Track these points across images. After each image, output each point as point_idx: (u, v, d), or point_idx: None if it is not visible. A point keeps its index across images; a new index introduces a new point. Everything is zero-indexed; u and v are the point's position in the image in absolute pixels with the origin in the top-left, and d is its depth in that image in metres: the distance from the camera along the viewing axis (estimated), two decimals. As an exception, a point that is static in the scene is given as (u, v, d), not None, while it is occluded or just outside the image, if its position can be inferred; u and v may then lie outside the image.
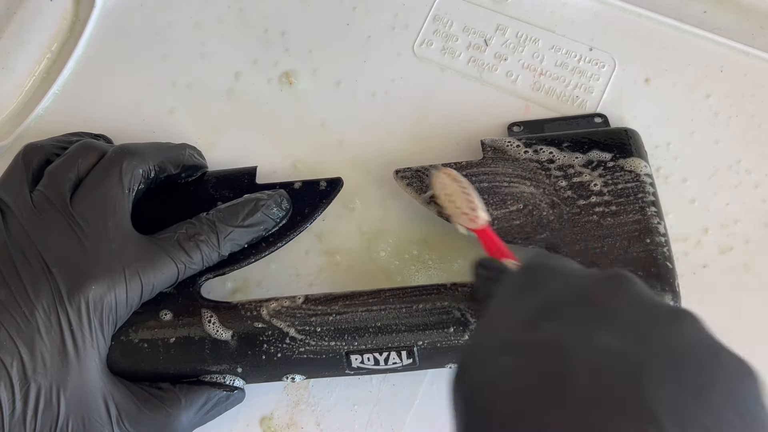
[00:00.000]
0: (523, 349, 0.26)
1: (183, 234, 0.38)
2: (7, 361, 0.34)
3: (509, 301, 0.29)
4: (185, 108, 0.47)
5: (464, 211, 0.38)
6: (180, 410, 0.37)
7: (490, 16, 0.48)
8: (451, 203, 0.39)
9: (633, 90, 0.46)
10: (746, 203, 0.43)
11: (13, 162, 0.40)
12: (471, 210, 0.38)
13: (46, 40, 0.49)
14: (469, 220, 0.38)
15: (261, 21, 0.49)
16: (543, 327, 0.26)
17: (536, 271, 0.30)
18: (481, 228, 0.38)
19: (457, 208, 0.39)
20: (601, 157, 0.41)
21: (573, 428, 0.23)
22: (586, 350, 0.24)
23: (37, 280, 0.35)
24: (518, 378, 0.25)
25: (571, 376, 0.24)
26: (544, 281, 0.29)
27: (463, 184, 0.39)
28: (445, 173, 0.40)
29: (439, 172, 0.40)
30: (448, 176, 0.40)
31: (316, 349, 0.37)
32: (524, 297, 0.28)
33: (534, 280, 0.29)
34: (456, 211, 0.39)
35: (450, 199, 0.39)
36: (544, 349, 0.25)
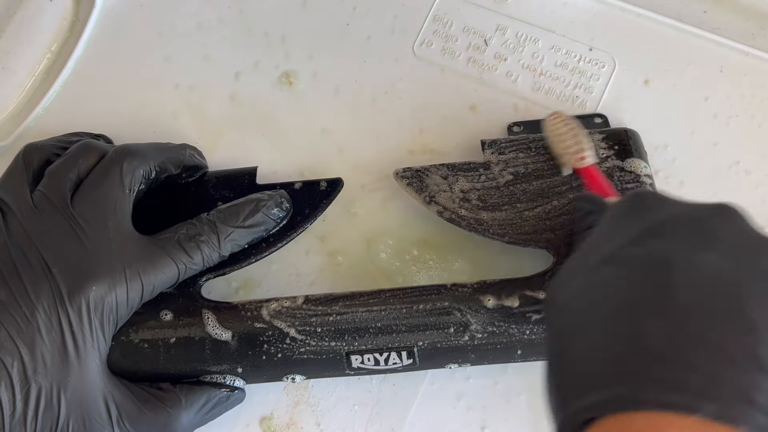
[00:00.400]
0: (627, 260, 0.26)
1: (184, 234, 0.38)
2: (7, 361, 0.34)
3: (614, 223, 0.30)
4: (185, 108, 0.47)
5: (571, 151, 0.40)
6: (180, 410, 0.37)
7: (490, 17, 0.48)
8: (560, 143, 0.40)
9: (633, 90, 0.46)
10: (746, 203, 0.43)
11: (14, 162, 0.40)
12: (579, 150, 0.40)
13: (46, 40, 0.49)
14: (576, 159, 0.40)
15: (261, 21, 0.49)
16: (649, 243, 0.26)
17: (644, 197, 0.31)
18: (586, 167, 0.40)
19: (566, 148, 0.40)
20: (600, 158, 0.41)
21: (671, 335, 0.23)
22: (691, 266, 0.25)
23: (38, 280, 0.35)
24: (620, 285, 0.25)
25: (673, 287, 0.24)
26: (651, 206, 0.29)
27: (572, 126, 0.41)
28: (556, 115, 0.42)
29: (553, 114, 0.42)
30: (559, 118, 0.41)
31: (316, 350, 0.37)
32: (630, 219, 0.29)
33: (641, 205, 0.30)
34: (564, 151, 0.40)
35: (560, 139, 0.41)
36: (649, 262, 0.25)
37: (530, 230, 0.40)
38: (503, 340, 0.37)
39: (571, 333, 0.26)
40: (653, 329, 0.23)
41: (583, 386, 0.24)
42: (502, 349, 0.37)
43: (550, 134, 0.41)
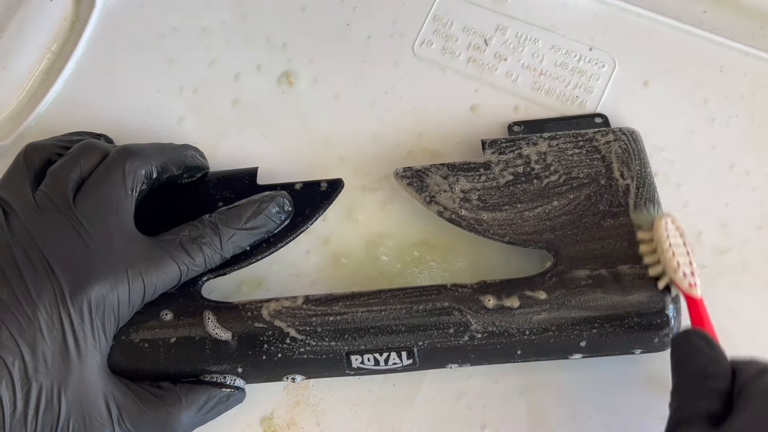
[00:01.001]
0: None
1: (186, 236, 0.38)
2: (8, 360, 0.34)
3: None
4: (186, 108, 0.47)
5: (684, 271, 0.36)
6: (180, 409, 0.37)
7: (490, 16, 0.48)
8: (671, 256, 0.36)
9: (633, 90, 0.46)
10: (745, 204, 0.43)
11: (14, 162, 0.40)
12: (691, 274, 0.36)
13: (46, 40, 0.49)
14: (689, 283, 0.36)
15: (261, 21, 0.49)
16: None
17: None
18: (696, 296, 0.36)
19: (678, 263, 0.36)
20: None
21: None
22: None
23: (40, 279, 0.35)
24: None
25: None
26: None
27: (687, 241, 0.37)
28: (673, 220, 0.38)
29: (667, 216, 0.38)
30: (675, 225, 0.37)
31: (316, 350, 0.37)
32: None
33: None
34: (675, 267, 0.36)
35: (673, 251, 0.36)
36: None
37: (530, 230, 0.40)
38: (503, 340, 0.37)
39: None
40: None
41: None
42: (502, 349, 0.37)
43: (662, 242, 0.37)
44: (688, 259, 0.36)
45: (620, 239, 0.39)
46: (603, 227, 0.39)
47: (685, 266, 0.36)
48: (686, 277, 0.36)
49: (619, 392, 0.39)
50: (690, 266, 0.36)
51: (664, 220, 0.37)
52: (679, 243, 0.37)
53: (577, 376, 0.40)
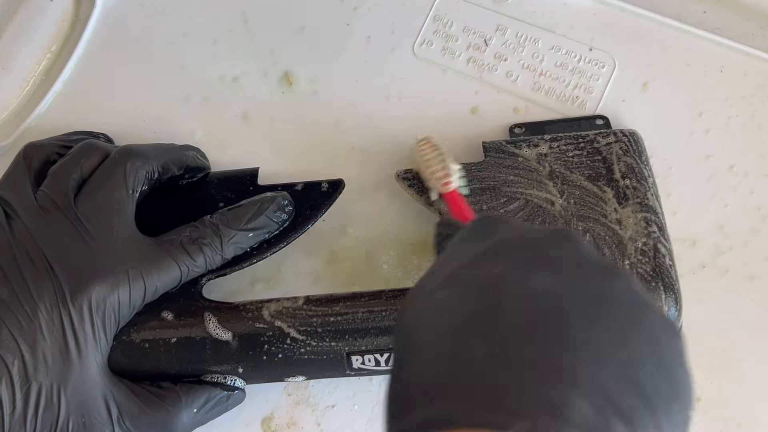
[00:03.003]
0: (461, 281, 0.27)
1: (186, 237, 0.38)
2: (8, 359, 0.34)
3: (458, 246, 0.30)
4: (186, 108, 0.47)
5: (438, 175, 0.40)
6: (181, 409, 0.37)
7: (490, 16, 0.48)
8: (426, 168, 0.41)
9: (633, 90, 0.46)
10: (745, 204, 0.43)
11: (14, 162, 0.40)
12: (444, 175, 0.40)
13: (46, 40, 0.49)
14: (441, 185, 0.40)
15: (261, 20, 0.49)
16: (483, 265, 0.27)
17: (487, 222, 0.31)
18: (449, 192, 0.40)
19: (432, 173, 0.40)
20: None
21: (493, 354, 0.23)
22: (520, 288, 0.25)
23: (40, 279, 0.35)
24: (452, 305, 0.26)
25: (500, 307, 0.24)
26: (494, 230, 0.30)
27: (441, 151, 0.41)
28: (426, 140, 0.42)
29: (422, 138, 0.42)
30: (428, 143, 0.41)
31: (317, 350, 0.37)
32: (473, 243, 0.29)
33: (484, 229, 0.30)
34: (430, 176, 0.40)
35: (427, 164, 0.41)
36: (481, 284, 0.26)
37: None
38: None
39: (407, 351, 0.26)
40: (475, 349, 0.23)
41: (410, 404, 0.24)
42: None
43: (417, 159, 0.42)
44: (441, 165, 0.40)
45: (621, 240, 0.38)
46: (603, 228, 0.39)
47: (438, 171, 0.40)
48: (440, 180, 0.40)
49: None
50: (443, 169, 0.40)
51: (418, 144, 0.42)
52: (431, 157, 0.41)
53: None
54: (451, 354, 0.24)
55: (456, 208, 0.39)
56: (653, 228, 0.39)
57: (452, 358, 0.24)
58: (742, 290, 0.41)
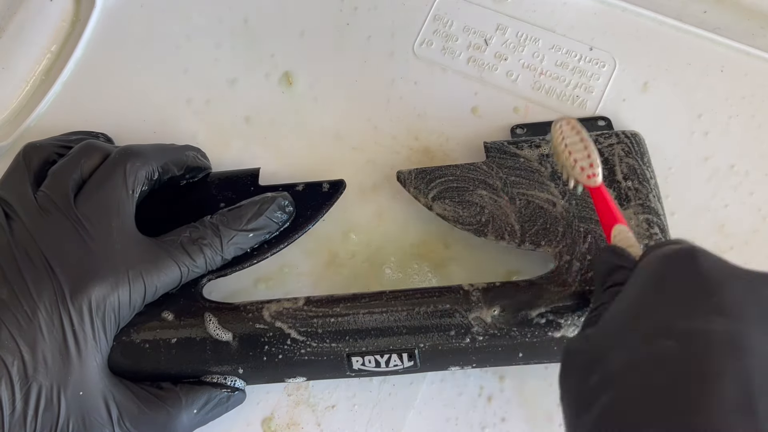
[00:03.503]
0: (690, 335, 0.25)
1: (187, 237, 0.38)
2: (8, 360, 0.34)
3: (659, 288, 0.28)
4: (186, 108, 0.47)
5: (582, 165, 0.36)
6: (181, 410, 0.37)
7: (490, 16, 0.48)
8: (569, 155, 0.37)
9: (633, 90, 0.46)
10: (745, 204, 0.43)
11: (14, 162, 0.40)
12: (590, 166, 0.36)
13: (46, 40, 0.49)
14: (587, 176, 0.36)
15: (261, 20, 0.49)
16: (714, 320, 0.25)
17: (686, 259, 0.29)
18: (596, 186, 0.36)
19: (575, 160, 0.37)
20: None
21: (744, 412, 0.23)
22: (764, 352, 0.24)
23: (40, 279, 0.35)
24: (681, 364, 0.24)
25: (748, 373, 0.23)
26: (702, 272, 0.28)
27: (584, 136, 0.37)
28: (567, 122, 0.38)
29: (561, 120, 0.38)
30: (570, 125, 0.38)
31: (317, 351, 0.37)
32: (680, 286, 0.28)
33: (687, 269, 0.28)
34: (573, 164, 0.37)
35: (570, 149, 0.37)
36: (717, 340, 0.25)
37: (533, 233, 0.39)
38: (505, 343, 0.37)
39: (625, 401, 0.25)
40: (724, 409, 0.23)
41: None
42: (503, 352, 0.37)
43: (557, 142, 0.38)
44: (585, 153, 0.37)
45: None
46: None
47: (582, 161, 0.36)
48: (584, 170, 0.36)
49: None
50: (588, 159, 0.36)
51: (557, 126, 0.38)
52: (575, 141, 0.37)
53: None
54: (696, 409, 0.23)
55: (603, 207, 0.36)
56: (655, 230, 0.39)
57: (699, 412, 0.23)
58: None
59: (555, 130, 0.38)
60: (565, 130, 0.37)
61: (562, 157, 0.37)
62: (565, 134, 0.37)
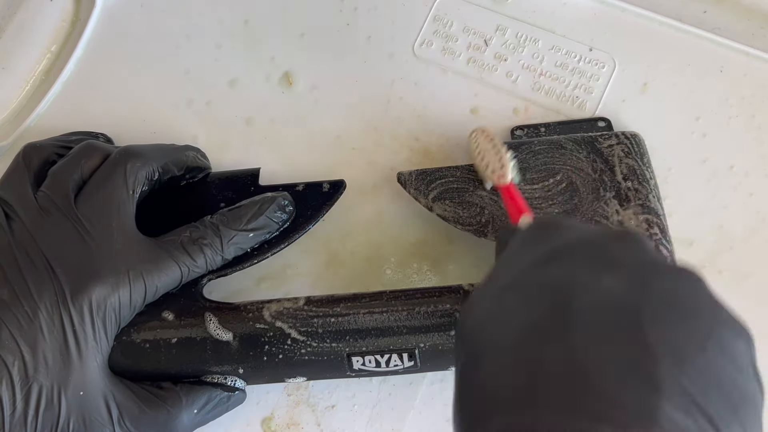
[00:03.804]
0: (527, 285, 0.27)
1: (187, 237, 0.38)
2: (8, 360, 0.34)
3: (520, 249, 0.30)
4: (186, 108, 0.47)
5: (493, 168, 0.40)
6: (181, 409, 0.37)
7: (490, 17, 0.48)
8: (481, 160, 0.41)
9: (633, 90, 0.46)
10: (745, 204, 0.43)
11: (14, 162, 0.40)
12: (500, 167, 0.40)
13: (46, 40, 0.49)
14: (497, 177, 0.40)
15: (261, 20, 0.49)
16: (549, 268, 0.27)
17: (548, 224, 0.31)
18: (504, 185, 0.39)
19: (487, 164, 0.40)
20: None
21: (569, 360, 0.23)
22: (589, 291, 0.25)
23: (41, 280, 0.35)
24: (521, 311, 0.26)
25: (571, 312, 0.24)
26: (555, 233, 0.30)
27: (495, 143, 0.41)
28: (481, 131, 0.42)
29: (476, 130, 0.42)
30: (483, 134, 0.41)
31: (317, 351, 0.37)
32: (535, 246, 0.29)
33: (545, 231, 0.30)
34: (485, 168, 0.40)
35: (482, 155, 0.41)
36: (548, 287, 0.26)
37: None
38: None
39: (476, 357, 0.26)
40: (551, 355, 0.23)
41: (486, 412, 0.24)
42: None
43: (472, 149, 0.41)
44: (497, 156, 0.40)
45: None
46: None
47: (494, 163, 0.40)
48: (495, 173, 0.40)
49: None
50: (499, 161, 0.40)
51: (472, 135, 0.42)
52: (487, 148, 0.41)
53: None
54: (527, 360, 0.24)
55: (512, 202, 0.39)
56: (655, 230, 0.39)
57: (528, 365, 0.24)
58: (743, 290, 0.41)
59: (470, 139, 0.42)
60: (479, 139, 0.41)
61: (476, 161, 0.41)
62: (479, 143, 0.41)
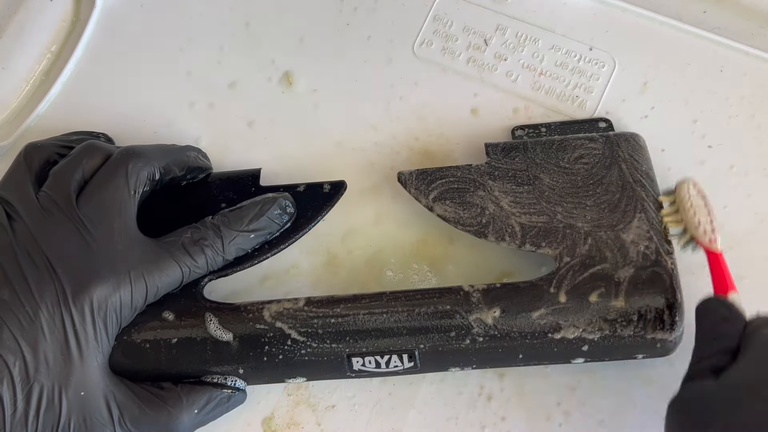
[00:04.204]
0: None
1: (188, 238, 0.38)
2: (9, 360, 0.34)
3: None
4: (187, 108, 0.47)
5: (705, 228, 0.38)
6: (182, 410, 0.37)
7: (490, 16, 0.48)
8: (693, 215, 0.38)
9: (633, 90, 0.46)
10: (745, 204, 0.43)
11: (15, 162, 0.40)
12: (712, 229, 0.38)
13: (46, 40, 0.49)
14: (709, 239, 0.38)
15: (261, 20, 0.49)
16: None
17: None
18: (716, 251, 0.38)
19: (699, 221, 0.38)
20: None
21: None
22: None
23: (42, 280, 0.35)
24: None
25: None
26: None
27: (708, 201, 0.39)
28: (693, 183, 0.39)
29: (688, 180, 0.40)
30: (695, 187, 0.39)
31: (317, 352, 0.37)
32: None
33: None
34: (696, 224, 0.38)
35: (695, 211, 0.39)
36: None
37: (534, 234, 0.39)
38: (505, 344, 0.37)
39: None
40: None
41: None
42: (503, 353, 0.37)
43: (683, 200, 0.39)
44: (709, 217, 0.38)
45: (623, 243, 0.38)
46: (605, 231, 0.39)
47: (706, 224, 0.38)
48: (707, 234, 0.38)
49: (619, 393, 0.39)
50: (711, 224, 0.38)
51: (687, 184, 0.39)
52: (700, 204, 0.39)
53: (577, 378, 0.40)
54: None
55: (719, 273, 0.37)
56: (655, 232, 0.39)
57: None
58: (743, 290, 0.41)
59: (682, 189, 0.39)
60: (692, 192, 0.39)
61: (688, 215, 0.39)
62: (692, 196, 0.39)
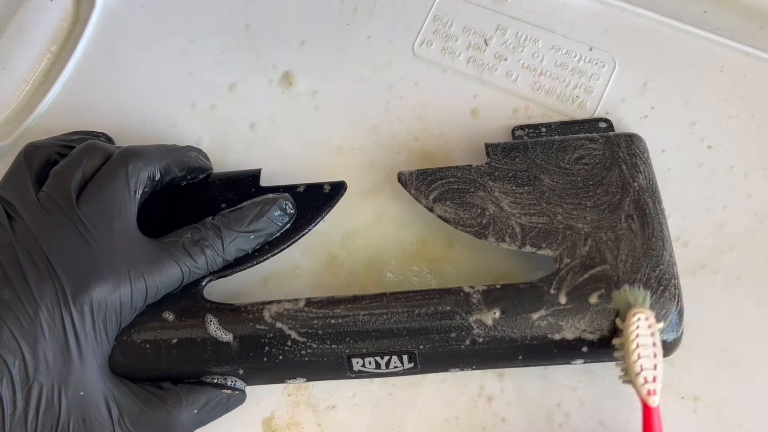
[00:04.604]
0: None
1: (188, 238, 0.38)
2: (9, 360, 0.34)
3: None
4: (187, 108, 0.47)
5: (646, 376, 0.34)
6: (181, 410, 0.37)
7: (490, 16, 0.48)
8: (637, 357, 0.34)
9: (633, 90, 0.46)
10: (745, 204, 0.43)
11: (15, 162, 0.40)
12: (653, 379, 0.34)
13: (46, 40, 0.49)
14: (647, 390, 0.34)
15: (261, 20, 0.49)
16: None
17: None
18: (652, 406, 0.34)
19: (641, 367, 0.34)
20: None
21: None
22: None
23: (42, 280, 0.35)
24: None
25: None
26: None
27: (656, 341, 0.35)
28: (647, 318, 0.35)
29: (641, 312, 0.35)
30: (648, 323, 0.35)
31: (317, 352, 0.37)
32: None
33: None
34: (638, 370, 0.34)
35: (638, 352, 0.34)
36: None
37: (534, 235, 0.39)
38: (505, 345, 0.37)
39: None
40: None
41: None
42: (503, 354, 0.37)
43: (629, 335, 0.35)
44: (653, 362, 0.34)
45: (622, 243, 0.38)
46: (605, 232, 0.39)
47: (648, 371, 0.34)
48: (646, 383, 0.34)
49: (620, 393, 0.39)
50: (654, 370, 0.34)
51: (637, 316, 0.35)
52: (647, 344, 0.35)
53: (577, 378, 0.40)
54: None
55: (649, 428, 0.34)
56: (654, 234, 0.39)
57: None
58: (742, 290, 0.41)
59: (631, 320, 0.35)
60: (642, 326, 0.35)
61: (630, 357, 0.35)
62: (641, 331, 0.35)
